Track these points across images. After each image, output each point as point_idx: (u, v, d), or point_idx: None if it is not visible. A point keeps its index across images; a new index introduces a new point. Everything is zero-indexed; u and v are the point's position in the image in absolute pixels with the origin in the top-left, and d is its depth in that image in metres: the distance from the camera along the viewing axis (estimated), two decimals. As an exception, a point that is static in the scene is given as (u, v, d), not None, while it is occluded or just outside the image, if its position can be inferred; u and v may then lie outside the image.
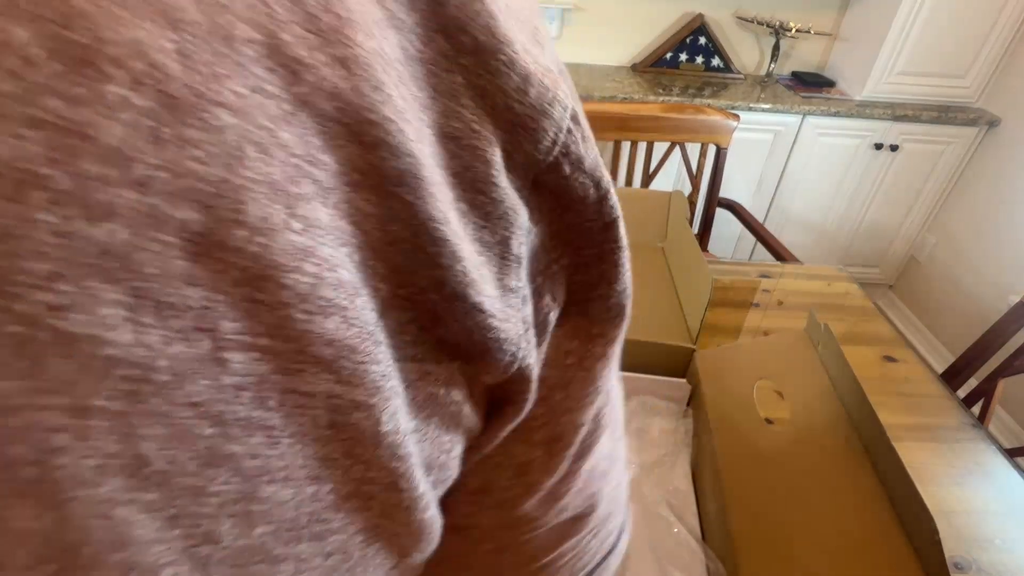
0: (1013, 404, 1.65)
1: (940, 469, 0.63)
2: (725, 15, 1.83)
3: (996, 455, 0.64)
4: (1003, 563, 0.53)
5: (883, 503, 0.42)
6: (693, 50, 1.81)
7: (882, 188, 1.85)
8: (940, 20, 1.59)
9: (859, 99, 1.74)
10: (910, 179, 1.83)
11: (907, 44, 1.63)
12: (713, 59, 1.83)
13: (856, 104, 1.71)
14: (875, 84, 1.71)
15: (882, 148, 1.74)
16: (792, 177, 1.81)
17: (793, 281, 0.97)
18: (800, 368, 0.55)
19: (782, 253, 1.24)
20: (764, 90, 1.78)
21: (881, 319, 0.88)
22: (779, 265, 1.02)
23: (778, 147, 1.74)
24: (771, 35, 1.83)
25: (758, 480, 0.47)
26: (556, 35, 1.84)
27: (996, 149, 1.76)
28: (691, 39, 1.79)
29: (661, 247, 0.90)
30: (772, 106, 1.65)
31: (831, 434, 0.48)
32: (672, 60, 1.83)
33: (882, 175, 1.81)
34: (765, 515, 0.44)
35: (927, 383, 0.75)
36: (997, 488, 0.61)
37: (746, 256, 2.00)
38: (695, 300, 0.67)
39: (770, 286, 0.95)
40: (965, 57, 1.68)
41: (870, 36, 1.70)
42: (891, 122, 1.69)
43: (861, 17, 1.76)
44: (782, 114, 1.67)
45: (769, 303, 0.90)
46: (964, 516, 0.57)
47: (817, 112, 1.66)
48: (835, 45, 1.91)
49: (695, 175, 1.39)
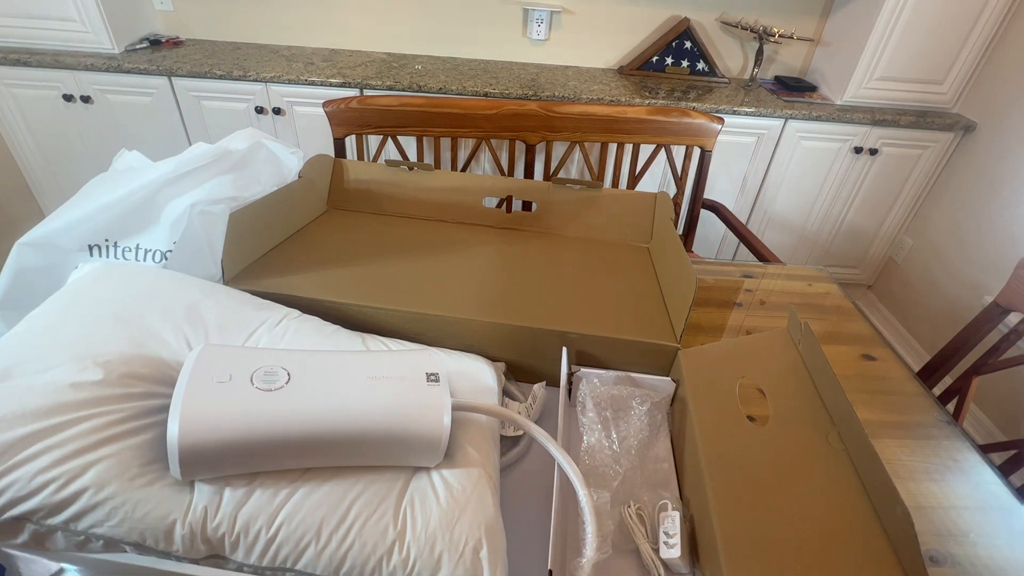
0: (986, 402, 1.69)
1: (916, 465, 0.64)
2: (710, 19, 1.86)
3: (971, 451, 0.66)
4: (977, 556, 0.54)
5: (861, 498, 0.43)
6: (679, 54, 1.83)
7: (862, 191, 1.88)
8: (919, 27, 1.63)
9: (840, 103, 1.77)
10: (889, 182, 1.87)
11: (887, 50, 1.67)
12: (698, 63, 1.85)
13: (837, 108, 1.74)
14: (855, 89, 1.74)
15: (862, 152, 1.78)
16: (774, 179, 1.84)
17: (775, 281, 0.99)
18: (781, 366, 0.56)
19: (765, 254, 1.26)
20: (748, 94, 1.80)
21: (860, 319, 0.90)
22: (761, 266, 1.04)
23: (761, 150, 1.76)
24: (755, 40, 1.85)
25: (740, 476, 0.47)
26: (544, 38, 1.85)
27: (972, 154, 1.80)
28: (677, 43, 1.81)
29: (647, 247, 0.91)
30: (755, 110, 1.67)
31: (811, 430, 0.49)
32: (658, 63, 1.85)
33: (862, 178, 1.85)
34: (747, 509, 0.45)
35: (904, 381, 0.77)
36: (972, 484, 0.62)
37: (729, 256, 2.03)
38: (679, 299, 0.68)
39: (752, 286, 0.96)
40: (943, 64, 1.72)
41: (851, 42, 1.73)
42: (870, 126, 1.73)
43: (842, 23, 1.80)
44: (765, 118, 1.69)
45: (751, 303, 0.92)
46: (940, 511, 0.59)
47: (799, 116, 1.69)
48: (817, 50, 1.94)
49: (680, 177, 1.41)
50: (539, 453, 0.58)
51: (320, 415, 0.41)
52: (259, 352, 0.44)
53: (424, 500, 0.44)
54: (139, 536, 0.38)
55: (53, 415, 0.39)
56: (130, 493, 0.38)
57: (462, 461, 0.47)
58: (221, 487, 0.40)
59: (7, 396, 0.39)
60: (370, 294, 0.66)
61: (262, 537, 0.39)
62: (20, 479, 0.36)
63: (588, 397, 0.52)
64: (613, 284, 0.76)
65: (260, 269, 0.67)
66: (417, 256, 0.78)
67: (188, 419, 0.38)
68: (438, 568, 0.41)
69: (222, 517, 0.39)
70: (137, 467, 0.39)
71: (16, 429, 0.37)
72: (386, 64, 1.79)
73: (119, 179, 0.60)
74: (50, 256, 0.59)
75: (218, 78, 1.58)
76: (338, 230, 0.82)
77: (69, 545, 0.38)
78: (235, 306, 0.55)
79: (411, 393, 0.45)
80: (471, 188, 0.91)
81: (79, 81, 1.60)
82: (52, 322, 0.47)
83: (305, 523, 0.40)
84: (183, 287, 0.55)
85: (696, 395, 0.57)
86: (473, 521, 0.43)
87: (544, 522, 0.51)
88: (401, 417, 0.43)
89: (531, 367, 0.68)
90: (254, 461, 0.40)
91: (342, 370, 0.45)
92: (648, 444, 0.54)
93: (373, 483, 0.44)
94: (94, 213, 0.58)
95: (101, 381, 0.42)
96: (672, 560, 0.46)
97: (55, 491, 0.36)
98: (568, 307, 0.69)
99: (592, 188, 0.92)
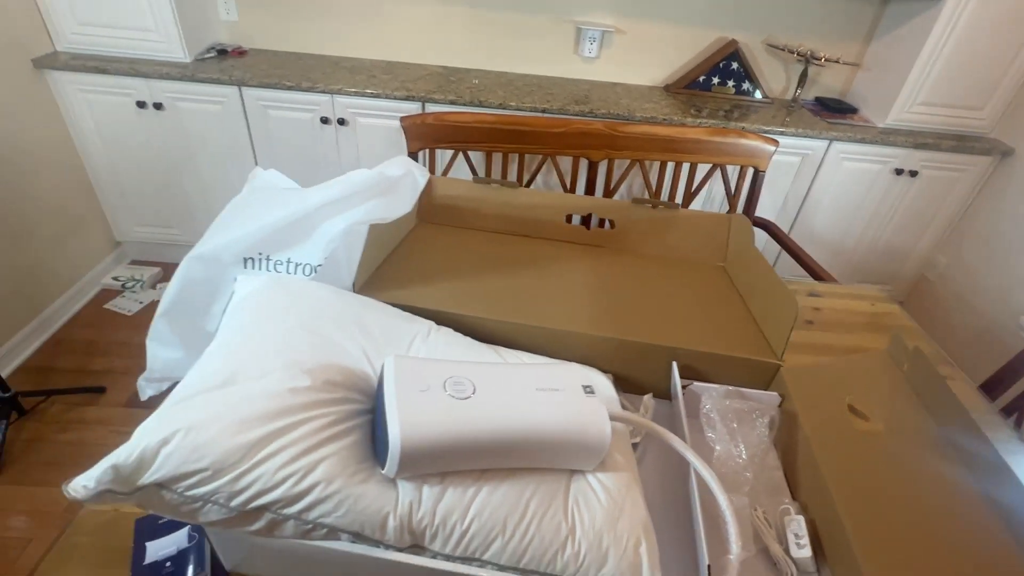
0: None
1: None
2: (756, 42, 1.91)
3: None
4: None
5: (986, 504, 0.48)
6: (725, 74, 1.88)
7: (900, 210, 1.93)
8: (963, 55, 1.68)
9: (882, 126, 1.82)
10: (926, 203, 1.91)
11: (930, 77, 1.72)
12: (743, 83, 1.90)
13: (879, 131, 1.79)
14: (898, 112, 1.79)
15: (902, 173, 1.82)
16: (815, 198, 1.89)
17: (840, 300, 1.04)
18: (886, 386, 0.60)
19: (820, 273, 1.31)
20: (790, 114, 1.85)
21: (925, 338, 0.94)
22: (823, 285, 1.08)
23: (804, 169, 1.81)
24: (799, 62, 1.91)
25: (863, 483, 0.52)
26: (595, 55, 1.90)
27: (1008, 177, 1.84)
28: (724, 63, 1.86)
29: (722, 266, 0.96)
30: (801, 130, 1.72)
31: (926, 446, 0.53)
32: (704, 83, 1.90)
33: (901, 198, 1.89)
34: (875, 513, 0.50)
35: (973, 397, 0.82)
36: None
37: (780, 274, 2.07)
38: (776, 319, 0.72)
39: (819, 304, 1.01)
40: (984, 90, 1.76)
41: (896, 67, 1.78)
42: (912, 149, 1.77)
43: (886, 49, 1.85)
44: (811, 139, 1.74)
45: (822, 322, 0.97)
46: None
47: (843, 138, 1.74)
48: (858, 74, 1.99)
49: (733, 195, 1.46)
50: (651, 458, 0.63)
51: (506, 422, 0.46)
52: (440, 364, 0.50)
53: (587, 500, 0.49)
54: (359, 526, 0.43)
55: (282, 417, 0.44)
56: (352, 488, 0.43)
57: (612, 466, 0.52)
58: (419, 485, 0.45)
59: (240, 400, 0.44)
60: (485, 307, 0.72)
61: (457, 529, 0.44)
62: (265, 473, 0.41)
63: (714, 410, 0.57)
64: (699, 301, 0.81)
65: (379, 281, 0.73)
66: (514, 271, 0.83)
67: (407, 424, 0.43)
68: (604, 562, 0.46)
69: (424, 511, 0.44)
70: (355, 465, 0.44)
71: (256, 429, 0.43)
72: (443, 77, 1.85)
73: (272, 198, 0.66)
74: (212, 269, 0.64)
75: (287, 88, 1.65)
76: (433, 244, 0.87)
77: (296, 533, 0.43)
78: (389, 318, 0.61)
79: (575, 404, 0.50)
80: (554, 205, 0.96)
81: (152, 89, 1.67)
82: (250, 332, 0.52)
83: (493, 518, 0.45)
84: (344, 299, 0.60)
85: (805, 410, 0.62)
86: (632, 520, 0.48)
87: (661, 522, 0.56)
88: (571, 427, 0.48)
89: (635, 379, 0.73)
90: (454, 461, 0.45)
91: (513, 382, 0.50)
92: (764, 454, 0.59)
93: (542, 483, 0.49)
94: (255, 231, 0.64)
95: (310, 387, 0.47)
96: (803, 559, 0.51)
97: (294, 484, 0.42)
98: (670, 323, 0.74)
99: (670, 208, 0.97)
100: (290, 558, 0.48)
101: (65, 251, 1.87)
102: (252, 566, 0.51)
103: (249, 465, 0.41)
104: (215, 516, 0.41)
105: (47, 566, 0.50)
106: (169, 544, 0.52)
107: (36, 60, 1.65)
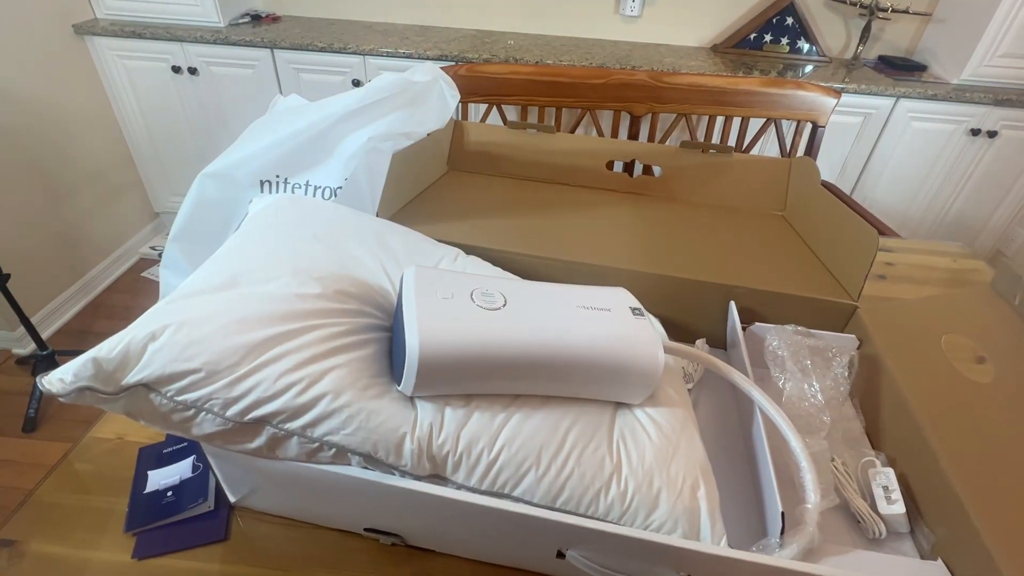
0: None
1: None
2: (814, -6, 1.77)
3: None
4: None
5: None
6: (779, 31, 1.75)
7: (974, 176, 1.76)
8: (1054, -2, 1.51)
9: (956, 83, 1.66)
10: (1005, 168, 1.74)
11: (1015, 24, 1.55)
12: (799, 40, 1.76)
13: (953, 88, 1.63)
14: (975, 67, 1.63)
15: (979, 134, 1.66)
16: (878, 162, 1.74)
17: (915, 256, 0.93)
18: (994, 323, 0.51)
19: (885, 231, 1.19)
20: (850, 73, 1.71)
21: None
22: (895, 240, 0.98)
23: (867, 130, 1.67)
24: (862, 16, 1.76)
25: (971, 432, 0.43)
26: (638, 14, 1.80)
27: (1101, 139, 1.66)
28: (777, 19, 1.73)
29: (782, 215, 0.87)
30: (864, 86, 1.58)
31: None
32: (756, 41, 1.78)
33: (975, 163, 1.73)
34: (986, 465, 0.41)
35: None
36: None
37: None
38: (848, 257, 0.64)
39: (892, 260, 0.91)
40: (1076, 39, 1.58)
41: (972, 16, 1.61)
42: (991, 106, 1.61)
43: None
44: (875, 96, 1.60)
45: (895, 276, 0.86)
46: None
47: (913, 94, 1.59)
48: (927, 27, 1.82)
49: (789, 154, 1.34)
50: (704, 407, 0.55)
51: (543, 337, 0.40)
52: (468, 276, 0.43)
53: (636, 436, 0.42)
54: (372, 447, 0.37)
55: (287, 322, 0.38)
56: (364, 403, 0.37)
57: (665, 401, 0.45)
58: (441, 406, 0.39)
59: (241, 301, 0.39)
60: (522, 243, 0.65)
61: (484, 459, 0.38)
62: (265, 379, 0.36)
63: (783, 347, 0.49)
64: (759, 243, 0.73)
65: (406, 217, 0.67)
66: (551, 212, 0.76)
67: (427, 330, 0.37)
68: (656, 505, 0.39)
69: (446, 435, 0.38)
70: (367, 378, 0.38)
71: (257, 331, 0.37)
72: (478, 39, 1.78)
73: (292, 115, 0.61)
74: (227, 189, 0.60)
75: (319, 50, 1.61)
76: (464, 189, 0.81)
77: (300, 453, 0.37)
78: (414, 239, 0.55)
79: (622, 324, 0.43)
80: (594, 151, 0.89)
81: (187, 53, 1.66)
82: (258, 239, 0.47)
83: (526, 448, 0.39)
84: (363, 219, 0.54)
85: (892, 352, 0.53)
86: (689, 460, 0.41)
87: (717, 472, 0.49)
88: (617, 347, 0.41)
89: (686, 323, 0.65)
90: (480, 380, 0.39)
91: (552, 298, 0.43)
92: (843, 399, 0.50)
93: (583, 414, 0.42)
94: (270, 147, 0.59)
95: (320, 295, 0.42)
96: (895, 516, 0.43)
97: (297, 394, 0.36)
98: (726, 263, 0.66)
99: (722, 152, 0.88)
100: (297, 494, 0.42)
101: (105, 219, 1.89)
102: (258, 501, 0.46)
103: (247, 369, 0.36)
104: (210, 428, 0.36)
105: (44, 491, 0.47)
106: (172, 474, 0.48)
107: (77, 26, 1.66)
